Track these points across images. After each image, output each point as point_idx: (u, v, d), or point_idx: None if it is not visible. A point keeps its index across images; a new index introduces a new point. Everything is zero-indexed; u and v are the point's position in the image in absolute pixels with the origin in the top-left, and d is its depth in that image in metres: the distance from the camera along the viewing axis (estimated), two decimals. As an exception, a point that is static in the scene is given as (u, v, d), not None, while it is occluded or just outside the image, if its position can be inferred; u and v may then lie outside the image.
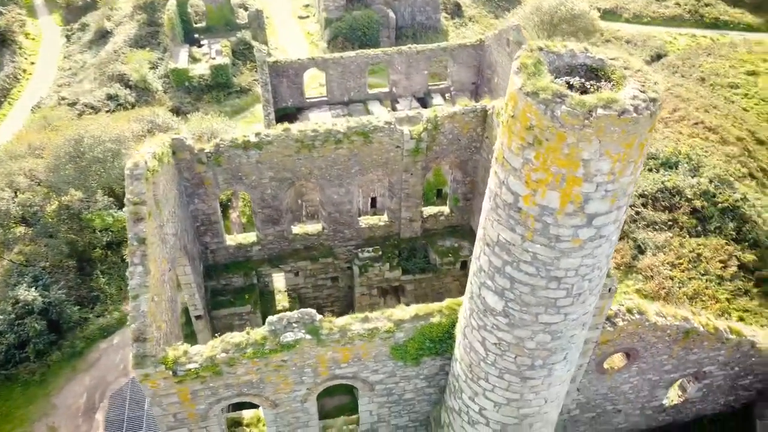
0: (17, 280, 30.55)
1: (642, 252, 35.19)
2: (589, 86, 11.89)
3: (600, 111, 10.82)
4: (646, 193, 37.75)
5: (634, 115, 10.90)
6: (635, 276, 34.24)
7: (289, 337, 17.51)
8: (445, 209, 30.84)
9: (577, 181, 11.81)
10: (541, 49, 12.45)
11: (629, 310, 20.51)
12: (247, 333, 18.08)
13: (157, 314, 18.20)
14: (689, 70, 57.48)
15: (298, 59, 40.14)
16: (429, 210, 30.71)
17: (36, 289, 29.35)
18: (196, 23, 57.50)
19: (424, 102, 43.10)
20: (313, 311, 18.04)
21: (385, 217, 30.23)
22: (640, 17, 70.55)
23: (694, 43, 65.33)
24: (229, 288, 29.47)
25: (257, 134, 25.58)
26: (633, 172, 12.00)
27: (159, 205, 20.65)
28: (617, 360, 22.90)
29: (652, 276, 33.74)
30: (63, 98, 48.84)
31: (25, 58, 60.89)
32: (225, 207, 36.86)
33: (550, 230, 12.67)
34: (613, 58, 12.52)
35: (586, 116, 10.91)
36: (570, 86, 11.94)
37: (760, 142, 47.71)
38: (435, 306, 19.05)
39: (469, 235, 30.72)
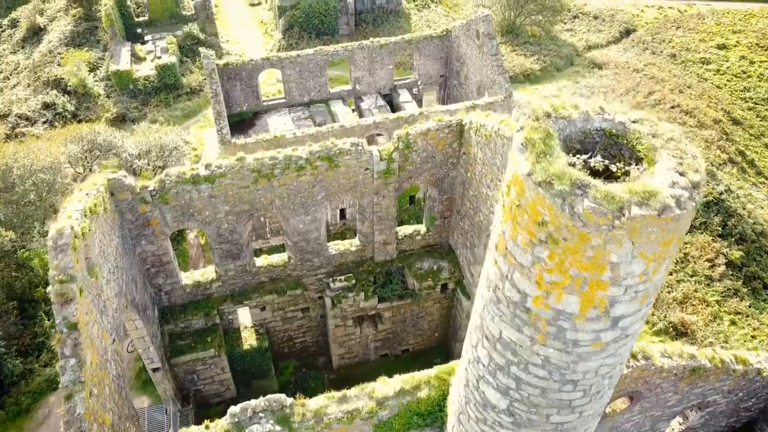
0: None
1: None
2: (613, 167, 9.45)
3: (635, 210, 8.42)
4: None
5: (678, 212, 8.52)
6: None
7: (255, 430, 14.98)
8: (422, 228, 28.43)
9: (603, 285, 9.46)
10: (548, 115, 9.92)
11: (633, 356, 18.58)
12: (206, 427, 15.46)
13: (98, 409, 15.49)
14: (659, 46, 55.69)
15: (251, 60, 36.73)
16: (404, 230, 28.25)
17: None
18: (137, 17, 52.94)
19: (390, 98, 40.25)
20: (282, 396, 15.50)
21: (356, 241, 27.66)
22: (606, -11, 68.18)
23: (661, 16, 63.42)
24: (188, 331, 26.72)
25: (207, 166, 22.59)
26: (668, 266, 9.70)
27: (95, 269, 17.70)
28: (619, 402, 21.09)
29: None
30: (-7, 109, 44.43)
31: (-50, 61, 55.52)
32: (179, 230, 33.70)
33: (566, 335, 10.36)
34: (636, 121, 10.09)
35: (616, 215, 8.50)
36: (589, 168, 9.47)
37: (736, 122, 46.36)
38: (422, 376, 16.71)
39: (449, 254, 28.46)
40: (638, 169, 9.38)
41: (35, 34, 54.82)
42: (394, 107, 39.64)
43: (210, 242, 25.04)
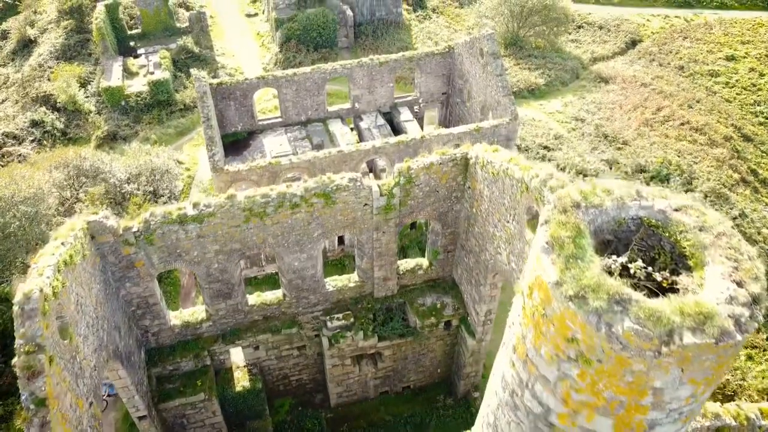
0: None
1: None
2: (658, 276, 7.99)
3: (688, 338, 6.97)
4: (638, 213, 34.40)
5: (738, 338, 7.07)
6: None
7: None
8: (424, 262, 26.98)
9: (642, 409, 8.02)
10: (578, 205, 8.43)
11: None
12: None
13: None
14: (667, 58, 54.23)
15: (246, 79, 35.21)
16: (405, 264, 26.79)
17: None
18: (131, 29, 51.44)
19: (390, 117, 38.76)
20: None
21: (355, 277, 26.21)
22: (611, -3, 66.77)
23: (668, 25, 61.98)
24: (177, 373, 25.30)
25: (195, 205, 21.12)
26: (715, 386, 8.26)
27: (69, 330, 16.25)
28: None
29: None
30: (-20, 128, 42.93)
31: (-61, 74, 54.03)
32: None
33: (597, 455, 8.89)
34: (679, 209, 8.65)
35: (664, 340, 7.05)
36: (627, 270, 8.02)
37: (747, 138, 44.91)
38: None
39: (452, 288, 27.02)
40: (686, 275, 7.91)
41: (25, 46, 53.34)
42: (394, 126, 38.17)
43: (199, 282, 23.60)
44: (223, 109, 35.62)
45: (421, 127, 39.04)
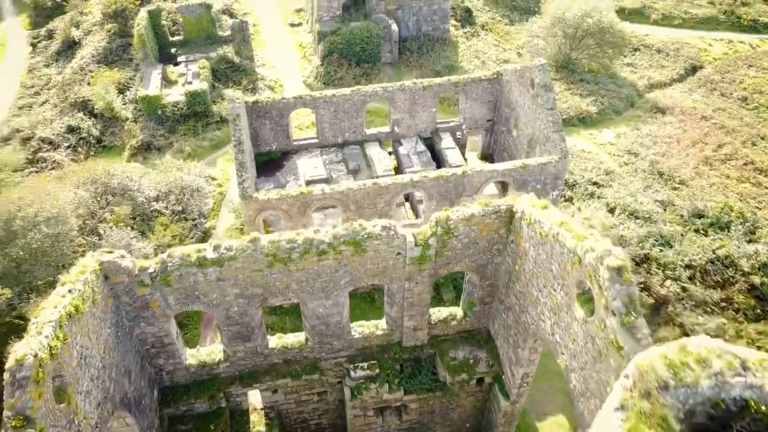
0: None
1: (691, 343, 29.38)
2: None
3: None
4: (693, 263, 31.80)
5: None
6: (684, 375, 28.49)
7: None
8: (458, 312, 25.07)
9: None
10: (665, 386, 6.48)
11: None
12: None
13: None
14: (729, 87, 50.90)
15: (282, 98, 33.93)
16: (438, 314, 24.93)
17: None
18: (172, 35, 50.83)
19: (431, 142, 36.93)
20: None
21: (383, 324, 24.49)
22: (670, 18, 63.40)
23: (731, 51, 58.42)
24: (191, 414, 24.01)
25: (216, 248, 19.71)
26: None
27: (68, 391, 14.95)
28: None
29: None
30: (18, 130, 42.70)
31: (-15, 71, 54.53)
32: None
33: None
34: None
35: None
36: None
37: (817, 182, 41.40)
38: None
39: (487, 342, 25.03)
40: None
41: (69, 47, 53.33)
42: (435, 153, 36.33)
43: (218, 323, 22.24)
44: (258, 128, 34.41)
45: (463, 155, 37.09)
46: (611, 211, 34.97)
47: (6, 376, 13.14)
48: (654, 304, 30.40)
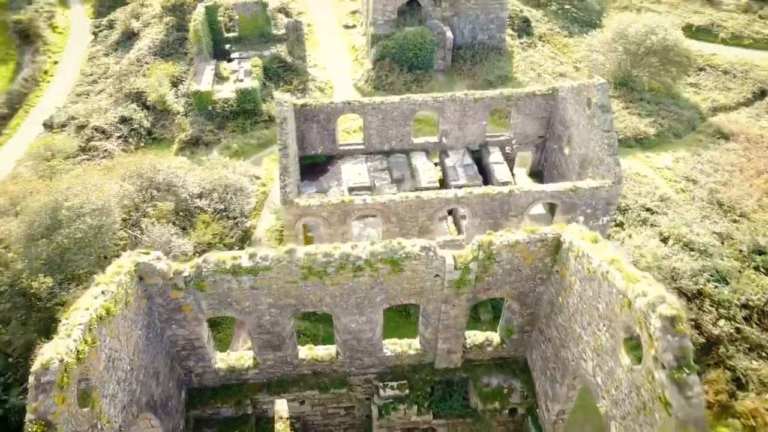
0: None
1: (742, 388, 27.73)
2: None
3: None
4: (750, 303, 29.98)
5: None
6: (732, 422, 26.91)
7: None
8: (495, 338, 24.17)
9: None
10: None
11: None
12: None
13: None
14: (800, 115, 48.03)
15: (331, 103, 33.60)
16: (473, 338, 24.10)
17: (-12, 396, 24.41)
18: (228, 31, 51.28)
19: (479, 156, 35.99)
20: None
21: (416, 344, 23.81)
22: (740, 38, 60.44)
23: (805, 76, 55.21)
24: (217, 417, 23.87)
25: (252, 256, 19.43)
26: None
27: (92, 395, 14.82)
28: None
29: (755, 426, 26.37)
30: (73, 118, 43.71)
31: (49, 57, 56.21)
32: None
33: None
34: None
35: None
36: None
37: None
38: None
39: (523, 372, 24.03)
40: None
41: (128, 38, 54.48)
42: (482, 166, 35.36)
43: (249, 330, 21.97)
44: (305, 131, 34.18)
45: (511, 170, 36.02)
46: (664, 240, 33.28)
47: (31, 379, 13.04)
48: (704, 343, 28.75)
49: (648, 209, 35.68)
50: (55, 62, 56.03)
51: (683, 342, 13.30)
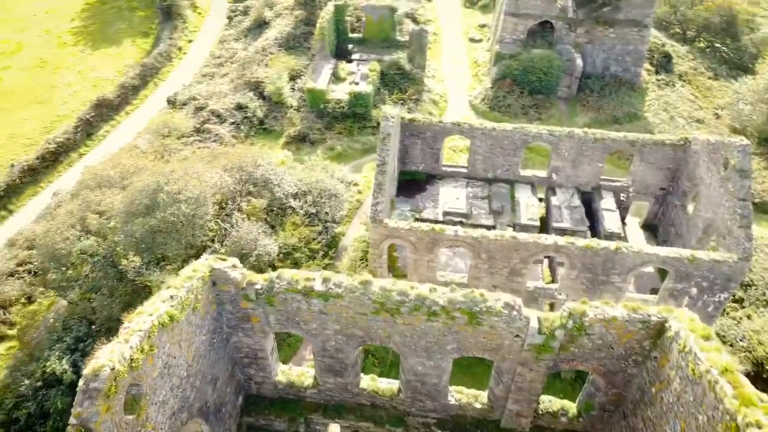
0: (60, 336, 27.10)
1: None
2: None
3: None
4: None
5: None
6: None
7: None
8: (571, 408, 21.98)
9: None
10: None
11: None
12: None
13: None
14: None
15: (440, 122, 32.36)
16: (548, 404, 22.04)
17: (67, 359, 25.46)
18: (353, 31, 51.32)
19: (589, 198, 33.31)
20: None
21: (484, 398, 22.14)
22: None
23: None
24: (268, 429, 23.51)
25: (325, 280, 18.69)
26: None
27: (140, 403, 14.60)
28: None
29: None
30: (194, 98, 45.45)
31: (186, 35, 59.10)
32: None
33: None
34: None
35: None
36: None
37: None
38: None
39: (597, 453, 21.70)
40: None
41: (259, 26, 56.05)
42: (590, 211, 32.67)
43: (313, 351, 21.31)
44: (409, 146, 33.21)
45: (623, 219, 33.04)
46: (790, 331, 29.09)
47: (80, 383, 12.91)
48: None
49: (776, 289, 31.40)
50: (190, 41, 58.80)
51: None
